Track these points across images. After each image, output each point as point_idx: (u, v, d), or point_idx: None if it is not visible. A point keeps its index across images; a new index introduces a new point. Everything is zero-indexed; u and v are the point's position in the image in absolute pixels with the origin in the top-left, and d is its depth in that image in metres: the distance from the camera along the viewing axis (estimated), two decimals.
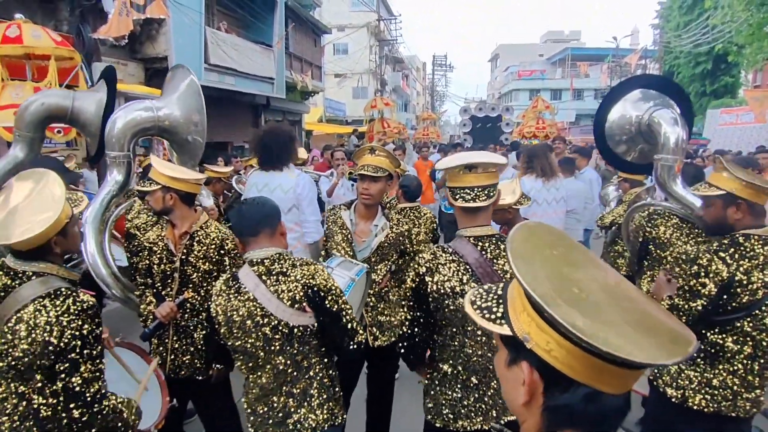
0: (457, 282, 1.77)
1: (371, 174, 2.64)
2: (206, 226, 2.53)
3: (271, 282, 1.80)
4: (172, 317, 2.47)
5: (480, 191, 1.79)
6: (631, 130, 2.98)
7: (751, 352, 1.93)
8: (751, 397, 1.97)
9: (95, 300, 1.67)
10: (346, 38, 28.10)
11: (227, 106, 13.15)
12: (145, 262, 2.60)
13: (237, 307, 1.83)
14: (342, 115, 26.65)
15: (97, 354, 1.62)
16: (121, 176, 2.83)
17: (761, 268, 1.87)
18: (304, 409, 1.84)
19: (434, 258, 1.82)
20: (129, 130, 2.82)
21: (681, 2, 24.56)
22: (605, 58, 35.25)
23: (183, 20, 10.10)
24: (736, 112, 16.17)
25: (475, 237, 1.81)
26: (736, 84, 24.17)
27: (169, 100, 3.05)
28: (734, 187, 1.94)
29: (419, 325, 1.89)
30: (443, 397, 1.90)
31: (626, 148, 3.14)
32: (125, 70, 9.81)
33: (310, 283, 1.79)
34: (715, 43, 18.65)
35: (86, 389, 1.58)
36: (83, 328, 1.57)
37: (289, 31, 15.89)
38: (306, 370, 1.85)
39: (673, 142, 2.67)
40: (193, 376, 2.56)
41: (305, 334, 1.83)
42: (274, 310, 1.78)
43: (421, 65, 55.57)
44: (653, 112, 2.81)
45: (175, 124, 3.02)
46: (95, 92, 3.08)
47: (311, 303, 1.79)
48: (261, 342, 1.81)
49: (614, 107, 3.06)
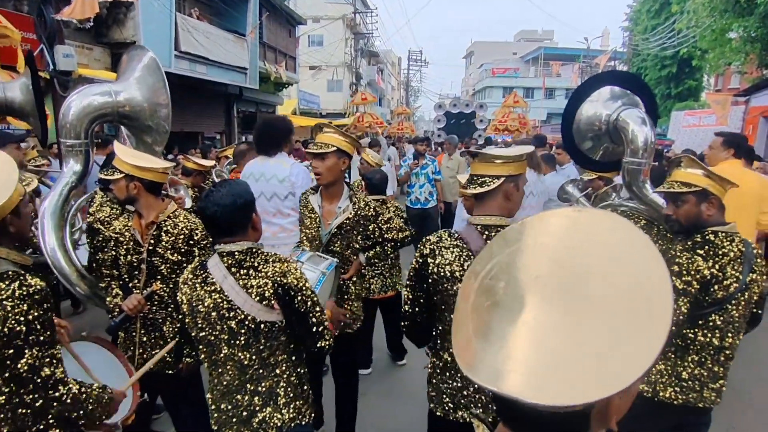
0: (458, 267, 1.77)
1: (315, 151, 2.63)
2: (174, 215, 2.44)
3: (240, 275, 1.76)
4: (140, 310, 2.39)
5: (476, 179, 1.81)
6: (599, 129, 2.87)
7: (718, 344, 1.99)
8: (715, 388, 2.04)
9: (44, 284, 1.61)
10: (321, 30, 27.80)
11: (198, 96, 12.84)
12: (111, 254, 2.50)
13: (202, 298, 1.78)
14: (316, 107, 26.37)
15: (46, 339, 1.57)
16: (79, 166, 2.69)
17: (732, 263, 1.93)
18: (269, 408, 1.81)
19: (439, 241, 1.83)
20: (85, 116, 2.67)
21: (649, 6, 25.30)
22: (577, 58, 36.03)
23: (152, 5, 9.77)
24: (699, 115, 16.77)
25: (482, 225, 1.80)
26: (699, 87, 25.11)
27: (127, 84, 2.88)
28: (708, 184, 1.98)
29: (419, 306, 1.90)
30: (444, 385, 1.89)
31: (593, 146, 3.03)
32: (90, 55, 9.43)
33: (281, 281, 1.74)
34: (680, 47, 19.29)
35: (34, 374, 1.54)
36: (29, 314, 1.52)
37: (263, 20, 15.60)
38: (272, 368, 1.81)
39: (642, 142, 2.58)
40: (163, 370, 2.48)
41: (272, 330, 1.78)
42: (241, 303, 1.74)
43: (397, 60, 55.53)
44: (621, 111, 2.72)
45: (136, 109, 2.86)
46: (20, 78, 3.09)
47: (280, 300, 1.75)
48: (226, 335, 1.77)
49: (582, 105, 2.94)
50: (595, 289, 0.64)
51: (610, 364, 0.59)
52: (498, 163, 1.78)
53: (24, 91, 2.99)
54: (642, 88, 2.97)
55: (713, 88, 24.79)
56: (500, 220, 1.79)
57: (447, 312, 1.84)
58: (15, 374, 1.52)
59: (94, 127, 2.76)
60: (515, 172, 1.79)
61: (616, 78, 3.00)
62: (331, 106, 28.66)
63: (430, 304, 1.89)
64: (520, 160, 1.80)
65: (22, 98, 2.97)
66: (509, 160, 1.77)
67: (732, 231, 1.98)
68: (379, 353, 4.32)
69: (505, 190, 1.78)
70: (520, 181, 1.83)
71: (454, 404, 1.86)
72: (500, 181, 1.77)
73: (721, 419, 3.04)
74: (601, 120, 2.81)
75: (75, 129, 2.65)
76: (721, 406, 2.14)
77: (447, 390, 1.89)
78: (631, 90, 2.89)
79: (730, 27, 13.34)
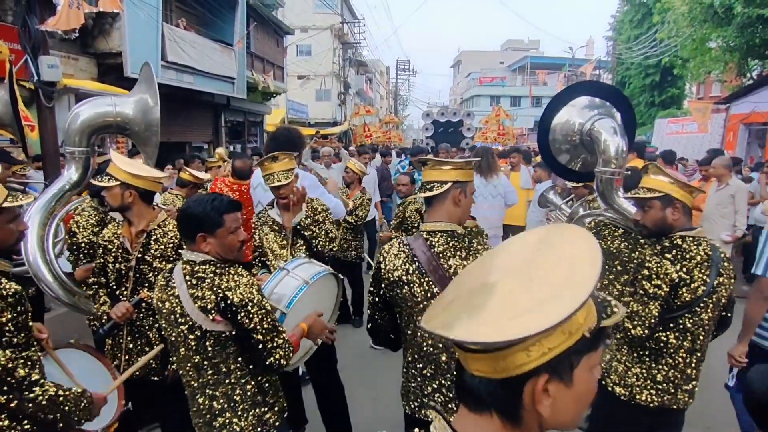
0: (403, 272, 1.86)
1: (284, 182, 2.81)
2: (164, 224, 2.49)
3: (191, 284, 1.80)
4: (128, 317, 2.40)
5: (426, 185, 1.92)
6: (574, 140, 2.87)
7: (690, 346, 2.05)
8: (688, 389, 2.09)
9: (19, 288, 1.65)
10: (309, 39, 27.92)
11: (185, 105, 12.81)
12: (99, 261, 2.52)
13: (164, 300, 1.87)
14: (305, 116, 26.41)
15: (20, 341, 1.60)
16: (77, 174, 2.76)
17: (699, 267, 1.98)
18: (228, 413, 1.84)
19: (390, 248, 1.95)
20: (89, 126, 2.77)
21: (631, 16, 25.77)
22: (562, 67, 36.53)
23: (139, 15, 9.76)
24: (681, 122, 17.11)
25: (427, 232, 1.89)
26: (681, 95, 25.57)
27: (128, 99, 3.01)
28: (671, 189, 2.05)
29: (378, 309, 2.04)
30: (409, 383, 1.96)
31: (569, 158, 3.02)
32: (76, 65, 9.39)
33: (225, 296, 1.75)
34: (662, 56, 19.67)
35: (8, 375, 1.56)
36: (2, 316, 1.57)
37: (250, 30, 15.64)
38: (226, 375, 1.83)
39: (613, 151, 2.58)
40: (148, 376, 2.49)
41: (219, 340, 1.80)
42: (189, 311, 1.80)
43: (385, 69, 55.85)
44: (595, 121, 2.72)
45: (131, 121, 2.95)
46: None
47: (222, 315, 1.77)
48: (181, 338, 1.84)
49: (557, 115, 2.93)
50: (536, 273, 0.75)
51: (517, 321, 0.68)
52: (446, 169, 1.88)
53: (3, 103, 3.05)
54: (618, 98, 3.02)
55: (695, 96, 25.31)
56: (447, 225, 1.87)
57: (403, 314, 1.93)
58: None
59: (96, 137, 2.86)
60: (462, 179, 1.88)
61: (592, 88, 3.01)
62: (319, 115, 28.71)
63: (389, 307, 2.00)
64: (467, 167, 1.91)
65: (2, 110, 3.02)
66: (456, 166, 1.88)
67: (699, 235, 2.05)
68: (365, 357, 4.33)
69: (453, 195, 1.88)
70: (467, 188, 1.92)
71: (418, 402, 1.92)
72: (447, 186, 1.86)
73: (697, 420, 3.11)
74: (575, 130, 2.84)
75: (78, 138, 2.73)
76: (697, 406, 2.20)
77: (411, 388, 1.95)
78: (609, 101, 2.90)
79: (710, 36, 13.67)
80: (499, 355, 0.71)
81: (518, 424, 0.74)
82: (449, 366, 1.85)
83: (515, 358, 0.70)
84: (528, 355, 0.70)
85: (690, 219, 2.08)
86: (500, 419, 0.75)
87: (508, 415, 0.74)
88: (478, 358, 0.74)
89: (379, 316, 2.05)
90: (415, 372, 1.92)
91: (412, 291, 1.85)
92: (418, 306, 1.85)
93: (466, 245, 1.85)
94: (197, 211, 1.81)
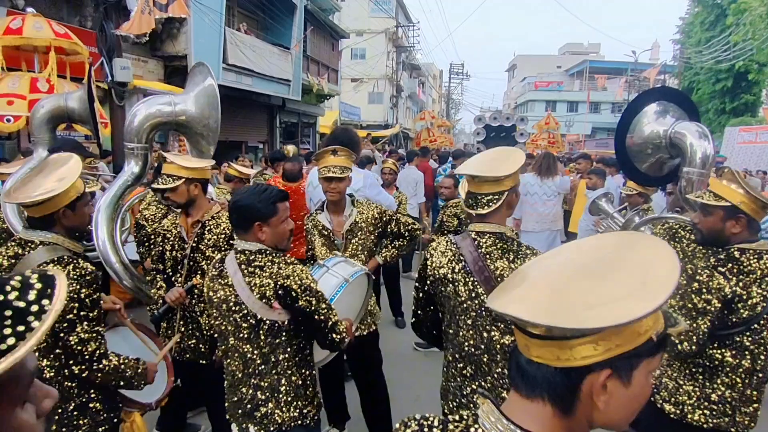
0: (449, 270, 1.87)
1: (338, 175, 2.82)
2: (218, 216, 2.61)
3: (247, 272, 1.86)
4: (181, 302, 2.55)
5: (481, 198, 1.87)
6: (657, 143, 2.87)
7: (750, 367, 1.91)
8: (748, 412, 1.96)
9: (94, 268, 1.82)
10: (363, 43, 28.27)
11: (243, 106, 13.31)
12: (158, 249, 2.68)
13: (216, 290, 1.93)
14: (357, 119, 26.77)
15: (93, 317, 1.76)
16: (138, 167, 2.97)
17: (759, 282, 1.86)
18: (271, 404, 1.87)
19: (438, 246, 1.97)
20: (147, 123, 2.96)
21: (703, 18, 24.34)
22: (624, 71, 35.02)
23: (204, 20, 10.27)
24: (755, 131, 15.94)
25: (476, 232, 1.88)
26: (756, 102, 23.83)
27: (187, 97, 3.19)
28: (740, 200, 1.90)
29: (422, 305, 2.06)
30: (448, 383, 1.96)
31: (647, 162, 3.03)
32: (145, 67, 9.99)
33: (283, 283, 1.81)
34: (736, 60, 18.46)
35: (83, 348, 1.73)
36: (81, 292, 1.72)
37: (307, 34, 16.06)
38: (274, 365, 1.87)
39: (700, 156, 2.56)
40: (198, 360, 2.63)
41: (273, 329, 1.85)
42: (245, 299, 1.84)
43: (438, 73, 55.64)
44: (677, 125, 2.72)
45: (190, 120, 3.15)
46: (78, 90, 3.46)
47: (281, 301, 1.82)
48: (232, 327, 1.89)
49: (635, 121, 2.96)
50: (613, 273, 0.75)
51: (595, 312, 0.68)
52: (501, 180, 1.84)
53: (80, 102, 3.30)
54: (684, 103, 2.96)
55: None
56: (496, 227, 1.86)
57: (446, 313, 1.93)
58: (66, 346, 1.71)
59: (154, 133, 3.06)
60: (515, 183, 1.88)
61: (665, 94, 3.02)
62: (371, 118, 28.99)
63: (432, 304, 2.02)
64: (516, 173, 1.88)
65: (81, 107, 3.26)
66: (509, 176, 1.85)
67: (761, 248, 1.90)
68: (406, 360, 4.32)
69: (509, 201, 1.87)
70: (517, 189, 1.92)
71: (457, 402, 1.91)
72: (504, 197, 1.85)
73: None
74: (659, 134, 2.84)
75: (138, 134, 2.93)
76: None
77: (451, 388, 1.94)
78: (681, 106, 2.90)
79: None
80: (565, 344, 0.72)
81: (570, 414, 0.75)
82: (490, 368, 1.83)
83: (582, 350, 0.71)
84: (595, 348, 0.71)
85: (754, 233, 1.94)
86: (552, 407, 0.75)
87: (562, 404, 0.75)
88: (542, 345, 0.74)
89: (422, 311, 2.08)
90: (455, 372, 1.92)
91: (456, 290, 1.85)
92: (461, 305, 1.85)
93: (515, 248, 1.82)
94: (252, 201, 1.88)
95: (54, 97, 3.38)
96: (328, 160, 2.86)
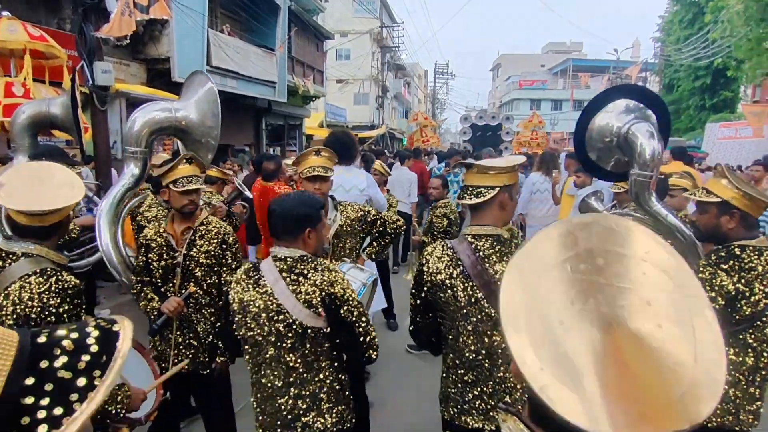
0: (447, 276, 1.83)
1: (323, 174, 2.84)
2: (207, 222, 2.59)
3: (290, 280, 1.82)
4: (180, 312, 2.48)
5: (472, 189, 1.85)
6: (610, 141, 2.88)
7: (753, 364, 1.92)
8: (752, 410, 1.96)
9: (78, 282, 1.78)
10: (348, 44, 28.21)
11: (228, 109, 13.11)
12: (142, 259, 2.61)
13: (254, 298, 1.85)
14: (343, 120, 26.68)
15: None
16: (138, 170, 2.97)
17: (760, 279, 1.86)
18: (313, 413, 1.84)
19: (433, 251, 1.92)
20: (147, 128, 2.98)
21: (682, 16, 24.74)
22: (606, 69, 35.48)
23: (186, 22, 10.13)
24: (735, 127, 16.25)
25: (473, 236, 1.85)
26: (735, 99, 24.30)
27: (187, 103, 3.23)
28: (731, 196, 1.93)
29: (419, 312, 2.01)
30: (448, 389, 1.93)
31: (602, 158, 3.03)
32: (127, 71, 9.82)
33: (329, 290, 1.80)
34: (714, 57, 18.79)
35: None
36: (60, 306, 1.69)
37: (291, 35, 15.95)
38: (317, 372, 1.85)
39: (648, 155, 2.59)
40: (197, 370, 2.57)
41: (318, 336, 1.83)
42: (290, 308, 1.79)
43: (423, 73, 55.78)
44: (632, 124, 2.72)
45: (190, 126, 3.18)
46: (60, 96, 3.48)
47: (326, 309, 1.80)
48: (273, 337, 1.83)
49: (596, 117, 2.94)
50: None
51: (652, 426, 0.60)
52: (492, 173, 1.81)
53: (63, 108, 3.28)
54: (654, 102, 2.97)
55: (750, 99, 23.97)
56: (493, 230, 1.83)
57: (445, 318, 1.90)
58: None
59: (153, 138, 3.07)
60: (509, 182, 1.83)
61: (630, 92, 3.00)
62: (357, 119, 28.93)
63: (431, 311, 1.97)
64: (513, 170, 1.84)
65: (63, 113, 3.23)
66: (503, 171, 1.81)
67: (761, 245, 1.92)
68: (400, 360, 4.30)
69: (500, 200, 1.83)
70: (513, 190, 1.87)
71: (458, 409, 1.88)
72: (495, 191, 1.80)
73: None
74: (612, 132, 2.85)
75: (138, 138, 2.94)
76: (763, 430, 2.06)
77: (451, 394, 1.91)
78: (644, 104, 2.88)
79: (767, 36, 12.95)
80: None
81: None
82: (492, 373, 1.80)
83: None
84: None
85: (752, 229, 1.95)
86: None
87: None
88: None
89: (420, 318, 2.03)
90: (455, 378, 1.89)
91: (455, 295, 1.81)
92: (461, 311, 1.82)
93: (513, 251, 1.80)
94: (307, 208, 1.88)
95: (35, 103, 3.36)
96: (312, 160, 2.88)
